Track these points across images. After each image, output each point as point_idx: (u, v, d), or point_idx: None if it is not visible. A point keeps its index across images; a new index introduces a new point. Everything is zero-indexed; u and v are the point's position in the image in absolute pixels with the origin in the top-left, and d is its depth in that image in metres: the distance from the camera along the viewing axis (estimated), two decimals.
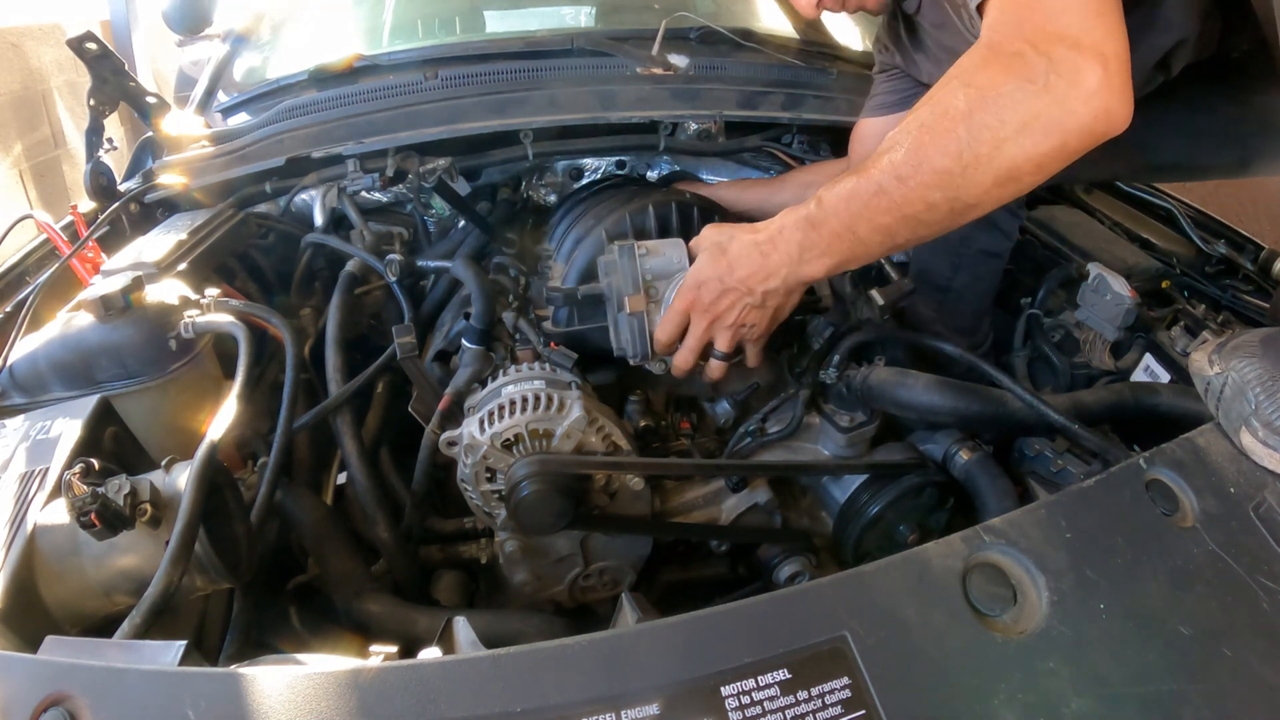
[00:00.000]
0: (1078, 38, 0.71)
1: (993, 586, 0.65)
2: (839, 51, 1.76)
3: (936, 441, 1.02)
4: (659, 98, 1.38)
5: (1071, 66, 0.71)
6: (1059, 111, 0.72)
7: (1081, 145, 0.74)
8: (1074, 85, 0.71)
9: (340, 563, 0.95)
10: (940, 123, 0.76)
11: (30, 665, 0.58)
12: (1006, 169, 0.75)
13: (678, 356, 0.96)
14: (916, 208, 0.79)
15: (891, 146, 0.80)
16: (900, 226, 0.81)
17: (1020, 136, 0.73)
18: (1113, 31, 0.73)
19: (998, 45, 0.75)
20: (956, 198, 0.77)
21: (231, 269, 1.30)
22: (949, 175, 0.76)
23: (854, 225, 0.82)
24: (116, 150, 1.41)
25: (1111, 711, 0.59)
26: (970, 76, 0.76)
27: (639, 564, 1.02)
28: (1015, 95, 0.72)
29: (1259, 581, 0.66)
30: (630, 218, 1.09)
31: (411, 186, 1.33)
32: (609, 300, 0.99)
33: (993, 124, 0.73)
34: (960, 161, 0.75)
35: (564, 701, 0.56)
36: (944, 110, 0.76)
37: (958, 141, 0.75)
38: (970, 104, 0.74)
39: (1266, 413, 0.71)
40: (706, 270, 0.91)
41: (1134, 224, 1.47)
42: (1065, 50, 0.71)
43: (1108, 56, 0.72)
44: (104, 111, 1.43)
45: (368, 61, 1.56)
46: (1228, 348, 0.79)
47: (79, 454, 0.79)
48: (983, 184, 0.76)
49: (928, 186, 0.77)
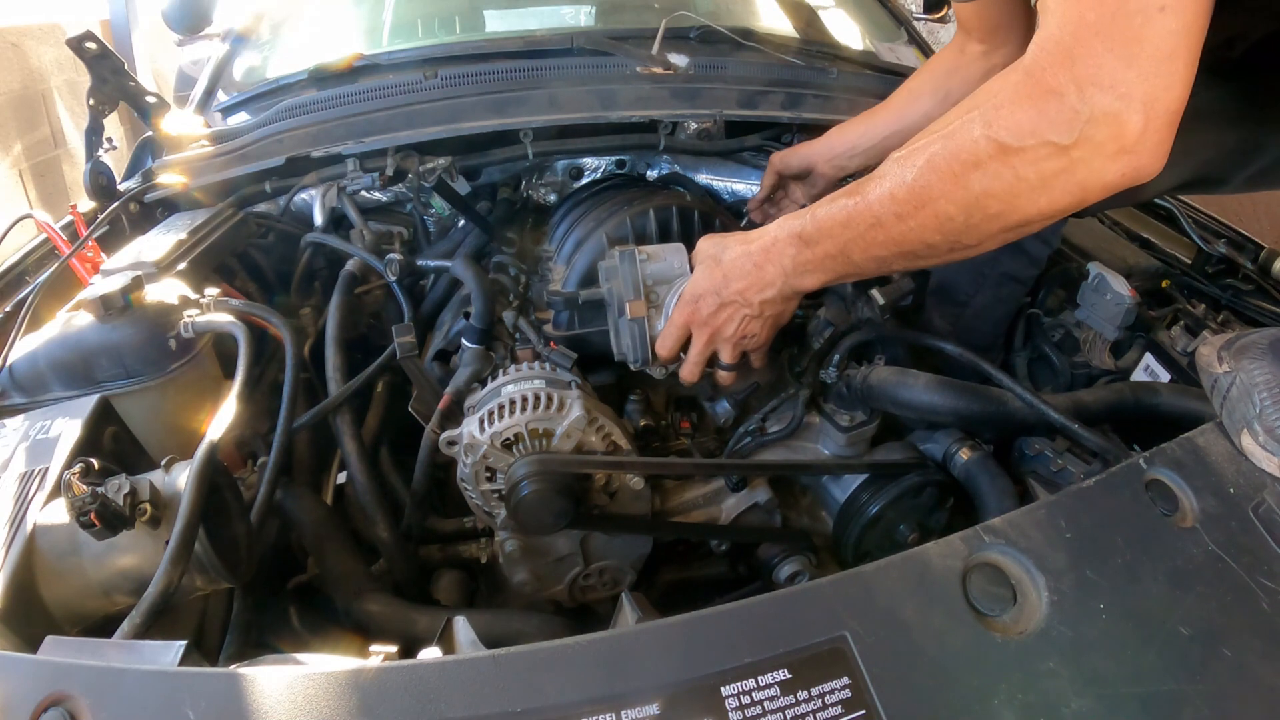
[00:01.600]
0: (1133, 85, 0.61)
1: (993, 586, 0.65)
2: (839, 51, 1.76)
3: (936, 441, 1.02)
4: (659, 97, 1.38)
5: (1113, 122, 0.62)
6: (1083, 172, 0.65)
7: (1100, 198, 0.68)
8: (1108, 142, 0.63)
9: (340, 563, 0.95)
10: (951, 166, 0.70)
11: (30, 665, 0.58)
12: (1016, 220, 0.70)
13: (684, 371, 0.96)
14: (914, 245, 0.76)
15: (894, 176, 0.74)
16: (896, 259, 0.78)
17: (1036, 194, 0.68)
18: (1176, 81, 0.62)
19: (1040, 75, 0.65)
20: (958, 241, 0.74)
21: (231, 269, 1.30)
22: (952, 222, 0.72)
23: (848, 250, 0.80)
24: (116, 150, 1.41)
25: (1111, 711, 0.59)
26: (995, 114, 0.67)
27: (639, 564, 1.02)
28: (1039, 151, 0.65)
29: (1259, 581, 0.66)
30: (631, 221, 1.10)
31: (411, 186, 1.34)
32: (610, 305, 0.99)
33: (1009, 180, 0.67)
34: (965, 211, 0.71)
35: (564, 701, 0.56)
36: (958, 152, 0.69)
37: (966, 192, 0.69)
38: (988, 153, 0.68)
39: (1270, 418, 0.71)
40: (703, 284, 0.91)
41: (1134, 223, 1.47)
42: (1112, 100, 0.62)
43: (1158, 110, 0.62)
44: (104, 111, 1.43)
45: (367, 61, 1.56)
46: (1237, 345, 0.78)
47: (79, 454, 0.79)
48: (988, 231, 0.72)
49: (928, 229, 0.73)
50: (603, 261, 1.01)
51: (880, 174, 0.77)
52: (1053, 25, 0.65)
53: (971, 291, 1.19)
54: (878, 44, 1.87)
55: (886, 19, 2.06)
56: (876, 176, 0.77)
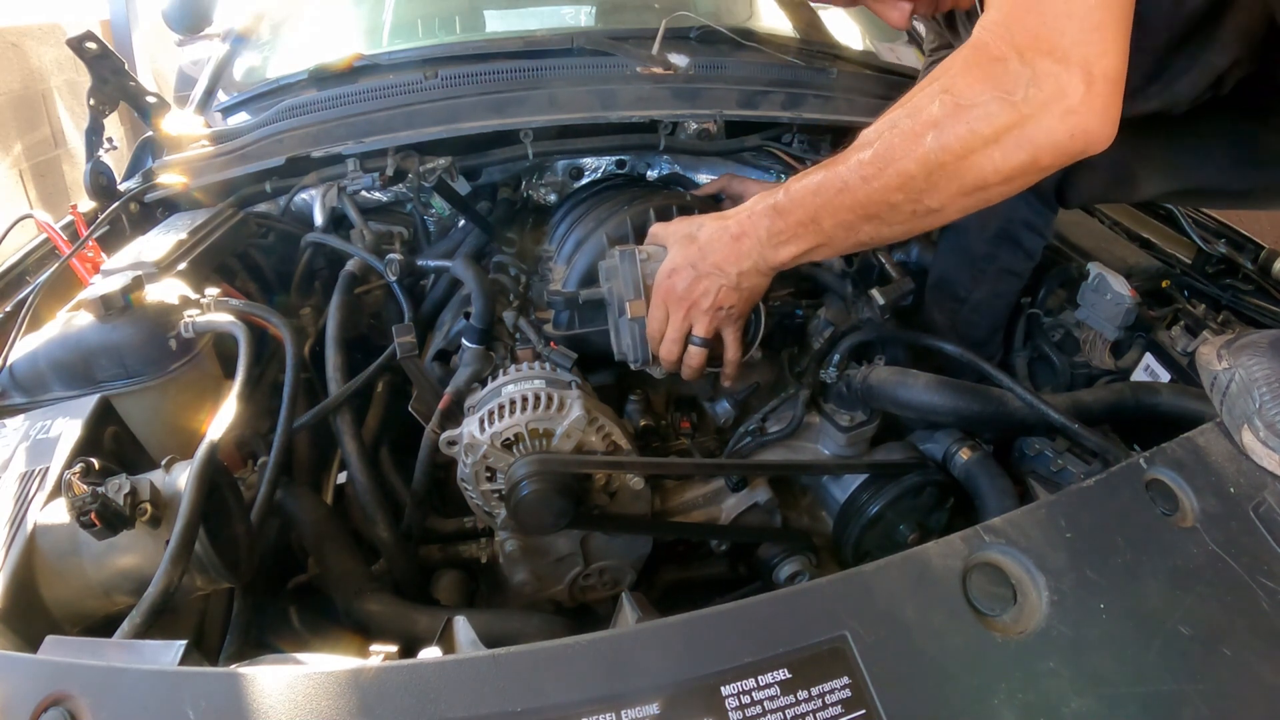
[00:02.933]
0: (1068, 51, 0.69)
1: (993, 586, 0.65)
2: (839, 51, 1.75)
3: (936, 441, 1.02)
4: (659, 97, 1.38)
5: (1054, 82, 0.69)
6: (1032, 128, 0.71)
7: (1054, 162, 0.73)
8: (1052, 102, 0.70)
9: (340, 562, 0.95)
10: (911, 126, 0.76)
11: (30, 665, 0.58)
12: (973, 180, 0.75)
13: (662, 349, 0.96)
14: (879, 207, 0.80)
15: (863, 144, 0.80)
16: (862, 223, 0.82)
17: (989, 149, 0.72)
18: (1109, 48, 0.70)
19: (985, 47, 0.73)
20: (919, 201, 0.78)
21: (231, 269, 1.30)
22: (912, 180, 0.76)
23: (818, 217, 0.84)
24: (116, 150, 1.41)
25: (1111, 711, 0.59)
26: (950, 81, 0.74)
27: (639, 563, 1.02)
28: (990, 107, 0.71)
29: (1259, 581, 0.66)
30: (631, 221, 1.10)
31: (411, 186, 1.33)
32: (610, 305, 1.00)
33: (962, 134, 0.73)
34: (925, 167, 0.75)
35: (564, 701, 0.56)
36: (917, 114, 0.76)
37: (924, 148, 0.75)
38: (943, 111, 0.74)
39: (1270, 413, 0.71)
40: (678, 258, 0.92)
41: (1134, 223, 1.47)
42: (1051, 64, 0.69)
43: (1095, 74, 0.69)
44: (104, 111, 1.42)
45: (367, 61, 1.56)
46: (1238, 344, 0.79)
47: (79, 454, 0.79)
48: (947, 191, 0.76)
49: (890, 189, 0.78)
50: (603, 261, 1.01)
51: (850, 146, 0.82)
52: (993, 9, 0.74)
53: (970, 286, 1.20)
54: (878, 44, 1.87)
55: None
56: (849, 148, 0.82)
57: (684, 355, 0.97)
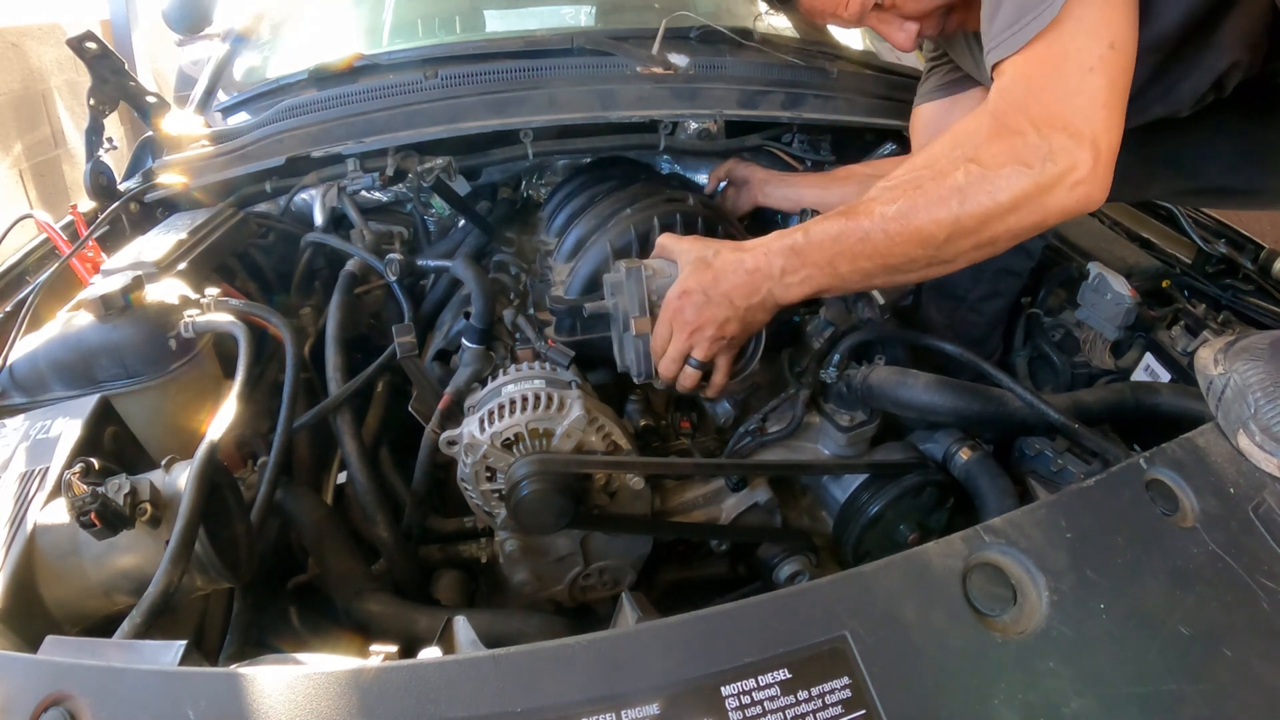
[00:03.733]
0: (1080, 128, 0.76)
1: (993, 586, 0.65)
2: (839, 51, 1.75)
3: (936, 441, 1.02)
4: (659, 97, 1.38)
5: (1068, 156, 0.76)
6: (1047, 198, 0.78)
7: (1058, 222, 0.81)
8: (1066, 175, 0.76)
9: (340, 562, 0.95)
10: (936, 190, 0.81)
11: (30, 665, 0.58)
12: (988, 238, 0.81)
13: (661, 366, 0.98)
14: (898, 260, 0.85)
15: (884, 198, 0.84)
16: (879, 272, 0.87)
17: (1007, 215, 0.79)
18: (1113, 125, 0.78)
19: (1003, 118, 0.79)
20: (936, 257, 0.84)
21: (231, 268, 1.30)
22: (934, 239, 0.82)
23: (835, 262, 0.87)
24: (116, 150, 1.41)
25: (1111, 711, 0.59)
26: (974, 150, 0.80)
27: (639, 563, 1.02)
28: (1012, 178, 0.77)
29: (1259, 581, 0.66)
30: (635, 229, 1.09)
31: (411, 186, 1.33)
32: (614, 320, 1.00)
33: (985, 202, 0.79)
34: (946, 230, 0.81)
35: (564, 701, 0.56)
36: (941, 179, 0.81)
37: (950, 213, 0.80)
38: (969, 180, 0.79)
39: (1265, 417, 0.72)
40: (691, 282, 0.93)
41: (1134, 223, 1.47)
42: (1065, 139, 0.76)
43: (1101, 149, 0.77)
44: (104, 111, 1.42)
45: (367, 61, 1.56)
46: (1235, 348, 0.79)
47: (79, 453, 0.79)
48: (963, 248, 0.82)
49: (911, 244, 0.83)
50: (608, 275, 1.01)
51: (872, 198, 0.86)
52: (1007, 80, 0.81)
53: (969, 286, 1.21)
54: (878, 44, 1.87)
55: None
56: (869, 199, 0.86)
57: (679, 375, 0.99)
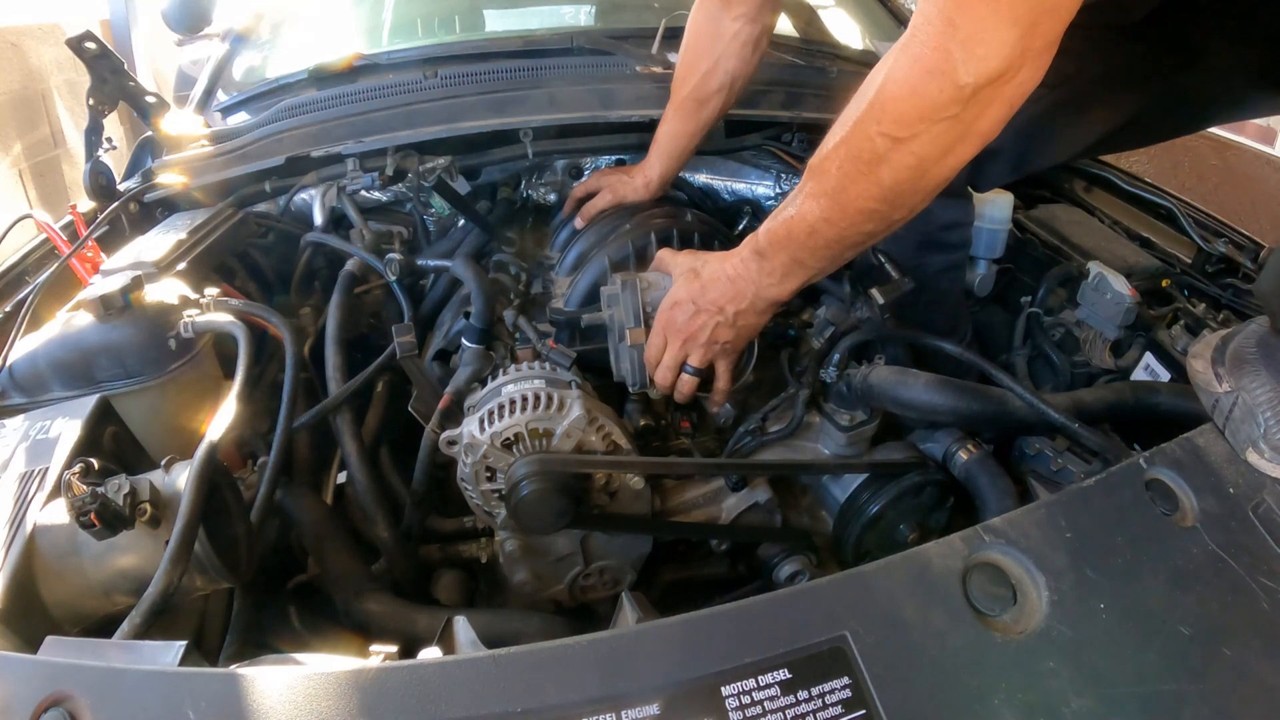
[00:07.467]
0: (1016, 38, 0.65)
1: (993, 586, 0.65)
2: (839, 50, 1.75)
3: (936, 441, 1.02)
4: (659, 96, 1.38)
5: (998, 76, 0.66)
6: (981, 124, 0.70)
7: (1000, 130, 0.72)
8: (997, 95, 0.68)
9: (340, 562, 0.95)
10: (859, 168, 0.76)
11: (30, 665, 0.58)
12: (934, 184, 0.76)
13: (657, 374, 0.99)
14: (853, 238, 0.82)
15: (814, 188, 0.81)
16: (846, 250, 0.85)
17: (944, 159, 0.73)
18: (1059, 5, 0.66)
19: (921, 55, 0.69)
20: (888, 219, 0.80)
21: (231, 268, 1.30)
22: (877, 211, 0.78)
23: (799, 258, 0.86)
24: (116, 150, 1.40)
25: (1111, 711, 0.59)
26: (882, 111, 0.72)
27: (639, 563, 1.02)
28: (934, 130, 0.70)
29: (1259, 581, 0.66)
30: (633, 244, 1.13)
31: (411, 185, 1.33)
32: (611, 331, 1.03)
33: (912, 163, 0.73)
34: (885, 199, 0.77)
35: (564, 701, 0.56)
36: (860, 154, 0.75)
37: (879, 185, 0.75)
38: (887, 148, 0.73)
39: (1275, 437, 0.72)
40: (681, 293, 0.95)
41: (1134, 223, 1.47)
42: (998, 60, 0.66)
43: (1037, 41, 0.66)
44: (103, 111, 1.42)
45: (367, 60, 1.56)
46: (1231, 355, 0.79)
47: (79, 454, 0.79)
48: (912, 203, 0.78)
49: (859, 223, 0.80)
50: (605, 288, 1.04)
51: (802, 188, 0.83)
52: (931, 6, 0.68)
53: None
54: (877, 43, 1.86)
55: (886, 18, 2.06)
56: (801, 190, 0.83)
57: (677, 382, 1.00)
